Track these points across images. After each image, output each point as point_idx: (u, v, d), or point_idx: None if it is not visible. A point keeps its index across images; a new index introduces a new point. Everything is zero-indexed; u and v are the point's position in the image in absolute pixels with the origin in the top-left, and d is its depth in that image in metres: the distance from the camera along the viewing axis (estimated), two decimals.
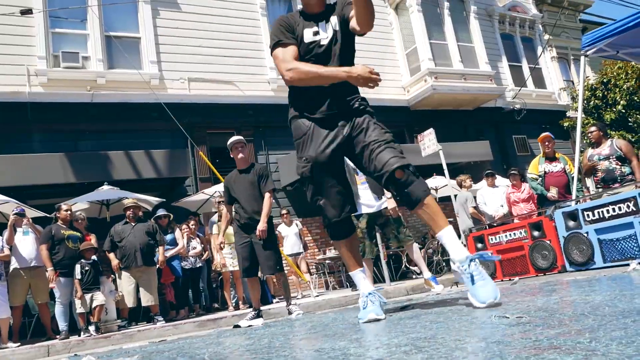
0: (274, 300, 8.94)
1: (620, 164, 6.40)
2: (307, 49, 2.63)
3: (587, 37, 5.78)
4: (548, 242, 5.05)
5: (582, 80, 6.50)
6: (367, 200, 5.79)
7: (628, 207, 4.29)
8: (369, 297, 2.55)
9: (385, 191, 5.66)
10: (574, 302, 2.20)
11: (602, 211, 4.49)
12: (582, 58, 6.07)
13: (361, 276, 2.68)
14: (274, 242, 5.31)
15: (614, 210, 4.40)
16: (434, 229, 2.38)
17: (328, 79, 2.49)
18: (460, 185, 9.41)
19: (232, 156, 5.43)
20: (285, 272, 6.14)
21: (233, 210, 5.40)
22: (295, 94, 2.71)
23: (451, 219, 9.41)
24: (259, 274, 5.98)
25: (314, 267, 11.36)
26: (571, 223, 4.82)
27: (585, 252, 4.64)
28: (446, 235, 2.34)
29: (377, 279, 10.49)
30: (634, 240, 4.25)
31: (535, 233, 5.22)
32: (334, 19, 2.63)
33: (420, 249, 10.74)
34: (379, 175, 2.42)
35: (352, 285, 9.29)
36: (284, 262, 6.92)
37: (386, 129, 2.56)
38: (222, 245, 5.63)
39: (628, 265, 3.64)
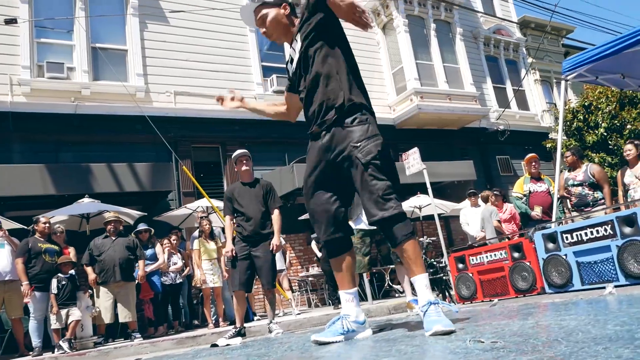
0: (255, 318, 8.84)
1: (592, 190, 6.50)
2: (291, 84, 2.79)
3: (567, 62, 5.90)
4: (528, 263, 5.07)
5: (563, 105, 6.62)
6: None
7: (605, 230, 4.34)
8: (340, 319, 2.52)
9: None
10: (549, 327, 2.20)
11: (581, 234, 4.53)
12: (563, 82, 6.19)
13: (347, 298, 2.58)
14: (274, 258, 5.33)
15: (592, 233, 4.44)
16: (409, 273, 2.42)
17: None
18: (486, 201, 9.38)
19: (236, 169, 5.49)
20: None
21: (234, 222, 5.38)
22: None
23: (433, 238, 9.48)
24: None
25: (296, 284, 11.27)
26: (550, 245, 4.85)
27: (563, 274, 4.67)
28: (417, 282, 2.38)
29: (360, 296, 10.46)
30: (611, 264, 4.29)
31: (516, 254, 5.24)
32: (299, 36, 2.59)
33: None
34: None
35: (335, 302, 9.23)
36: None
37: (380, 170, 2.39)
38: (231, 255, 5.46)
39: (604, 288, 3.67)
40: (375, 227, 5.91)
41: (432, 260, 7.40)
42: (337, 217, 2.55)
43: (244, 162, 5.37)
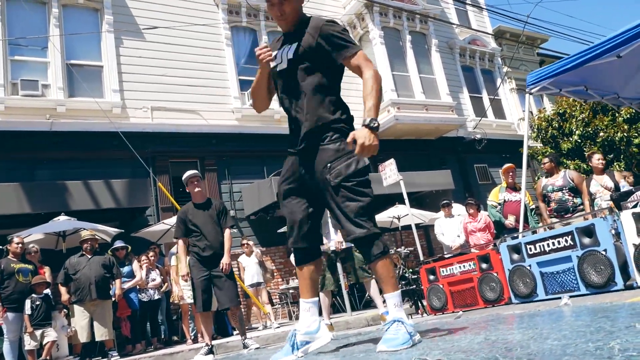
0: (234, 332, 8.83)
1: (572, 195, 6.67)
2: (273, 73, 2.67)
3: (531, 75, 6.06)
4: (495, 274, 5.18)
5: (527, 117, 6.81)
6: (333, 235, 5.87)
7: (566, 241, 4.46)
8: (292, 336, 2.56)
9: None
10: (494, 343, 2.28)
11: (543, 245, 4.66)
12: (527, 95, 6.35)
13: (305, 307, 2.64)
14: (233, 276, 5.38)
15: (553, 244, 4.56)
16: (382, 290, 2.53)
17: None
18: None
19: (187, 190, 5.47)
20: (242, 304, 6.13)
21: (189, 243, 5.39)
22: None
23: (411, 248, 9.59)
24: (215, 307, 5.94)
25: (277, 297, 11.28)
26: (515, 256, 4.97)
27: (528, 284, 4.78)
28: (388, 300, 2.47)
29: (340, 308, 10.49)
30: (572, 274, 4.41)
31: (484, 265, 5.35)
32: (294, 46, 2.56)
33: None
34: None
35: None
36: (242, 293, 6.88)
37: (351, 190, 2.43)
38: (186, 279, 5.53)
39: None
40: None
41: (405, 272, 7.48)
42: (303, 227, 2.59)
43: (195, 183, 5.39)
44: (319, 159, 2.48)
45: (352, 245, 5.96)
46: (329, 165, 2.45)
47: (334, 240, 5.96)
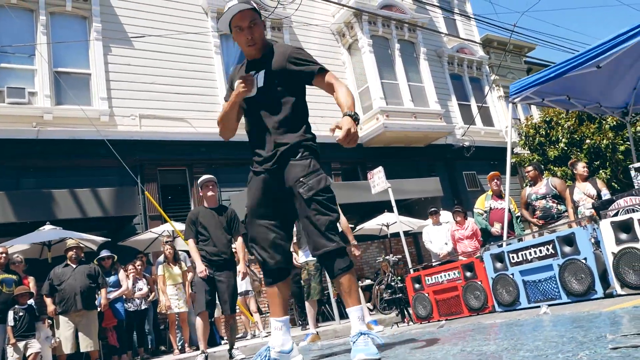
0: (223, 342, 8.79)
1: (556, 202, 6.75)
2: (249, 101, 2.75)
3: (514, 85, 6.13)
4: (479, 282, 5.21)
5: (510, 126, 6.88)
6: None
7: (548, 250, 4.51)
8: (266, 350, 2.58)
9: (347, 238, 5.80)
10: (469, 354, 2.30)
11: (525, 253, 4.70)
12: (510, 105, 6.42)
13: (276, 326, 2.68)
14: (236, 284, 5.38)
15: (535, 252, 4.60)
16: (345, 304, 2.56)
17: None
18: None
19: (201, 194, 5.52)
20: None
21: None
22: None
23: (399, 256, 9.60)
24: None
25: (265, 305, 11.24)
26: (498, 265, 5.00)
27: (511, 293, 4.81)
28: (351, 313, 2.51)
29: (329, 316, 10.49)
30: (554, 282, 4.45)
31: (468, 274, 5.39)
32: (261, 74, 2.65)
33: (372, 286, 10.84)
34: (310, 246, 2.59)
35: (304, 323, 9.24)
36: None
37: (322, 205, 2.51)
38: (205, 274, 5.39)
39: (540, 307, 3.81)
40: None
41: (392, 280, 7.50)
42: (274, 248, 2.64)
43: (210, 187, 5.43)
44: (291, 175, 2.56)
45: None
46: (301, 179, 2.52)
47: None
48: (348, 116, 2.44)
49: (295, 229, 6.21)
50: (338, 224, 2.59)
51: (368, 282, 11.76)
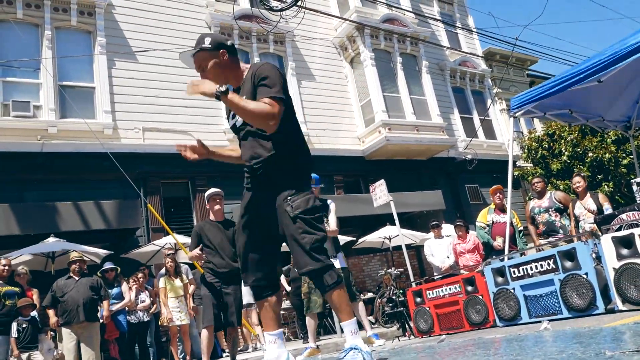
0: (224, 354, 8.76)
1: (559, 215, 6.74)
2: (234, 130, 2.83)
3: (515, 99, 6.16)
4: (480, 297, 5.20)
5: (512, 139, 6.89)
6: None
7: (549, 264, 4.51)
8: None
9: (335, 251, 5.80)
10: None
11: (526, 268, 4.69)
12: (512, 119, 6.45)
13: (270, 340, 2.71)
14: (242, 297, 5.39)
15: (536, 267, 4.60)
16: (339, 318, 2.61)
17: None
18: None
19: (207, 207, 5.54)
20: None
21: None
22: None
23: (401, 269, 9.59)
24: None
25: None
26: (499, 279, 5.00)
27: (512, 307, 4.80)
28: (344, 328, 2.56)
29: (331, 329, 10.45)
30: (555, 297, 4.44)
31: (469, 288, 5.38)
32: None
33: (374, 299, 10.81)
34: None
35: (305, 336, 9.22)
36: None
37: (308, 223, 2.54)
38: (199, 254, 5.40)
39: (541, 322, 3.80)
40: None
41: (394, 294, 7.48)
42: (260, 264, 2.68)
43: (217, 201, 5.44)
44: (279, 193, 2.59)
45: (345, 266, 5.97)
46: (289, 198, 2.56)
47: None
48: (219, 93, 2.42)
49: None
50: (325, 244, 2.61)
51: (370, 295, 11.72)
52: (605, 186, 12.81)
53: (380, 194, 9.65)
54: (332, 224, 5.85)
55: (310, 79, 13.75)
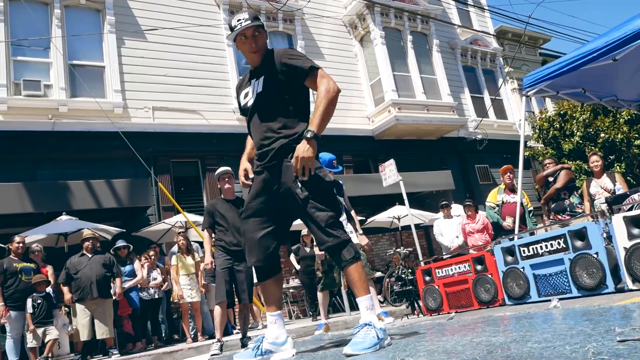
0: (234, 332, 8.90)
1: (567, 194, 6.71)
2: (244, 110, 2.84)
3: (527, 78, 6.08)
4: (490, 276, 5.22)
5: (523, 119, 6.84)
6: None
7: (559, 244, 4.51)
8: (259, 341, 2.67)
9: (355, 227, 5.80)
10: (478, 344, 2.33)
11: (536, 247, 4.70)
12: (523, 98, 6.38)
13: (271, 320, 2.75)
14: (253, 274, 5.45)
15: (546, 246, 4.61)
16: (354, 294, 2.62)
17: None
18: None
19: (219, 186, 5.60)
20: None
21: (213, 235, 5.48)
22: None
23: (410, 249, 9.63)
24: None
25: None
26: (509, 258, 5.01)
27: (522, 286, 4.82)
28: (361, 303, 2.57)
29: (340, 308, 10.56)
30: (565, 276, 4.45)
31: (479, 267, 5.40)
32: (261, 80, 2.71)
33: (382, 278, 10.88)
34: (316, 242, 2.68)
35: (314, 314, 9.33)
36: None
37: (319, 201, 2.56)
38: (210, 267, 5.53)
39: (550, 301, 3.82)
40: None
41: (403, 273, 7.53)
42: (262, 246, 2.69)
43: (227, 179, 5.49)
44: (288, 175, 2.60)
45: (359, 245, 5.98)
46: (298, 179, 2.56)
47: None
48: (304, 139, 2.49)
49: None
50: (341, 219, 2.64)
51: (379, 274, 11.80)
52: (618, 167, 12.69)
53: (389, 173, 9.66)
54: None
55: (319, 58, 13.64)
